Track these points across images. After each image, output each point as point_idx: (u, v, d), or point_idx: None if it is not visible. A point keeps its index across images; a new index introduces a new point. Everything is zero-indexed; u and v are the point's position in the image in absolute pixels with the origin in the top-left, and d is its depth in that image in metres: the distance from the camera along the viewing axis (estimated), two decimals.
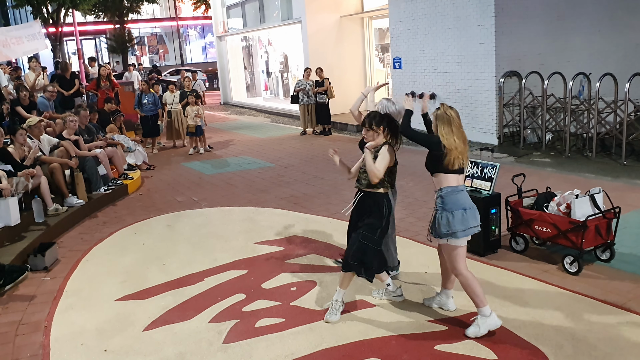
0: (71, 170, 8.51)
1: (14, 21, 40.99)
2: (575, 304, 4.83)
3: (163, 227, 7.76)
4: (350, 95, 17.61)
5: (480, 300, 4.36)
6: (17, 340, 4.78)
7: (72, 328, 4.95)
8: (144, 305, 5.33)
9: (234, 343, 4.53)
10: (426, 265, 5.83)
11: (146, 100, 13.40)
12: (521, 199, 6.11)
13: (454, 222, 4.31)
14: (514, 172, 6.34)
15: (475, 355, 4.14)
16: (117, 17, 33.99)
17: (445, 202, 4.36)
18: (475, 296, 4.36)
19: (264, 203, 8.68)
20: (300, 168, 10.92)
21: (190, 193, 9.53)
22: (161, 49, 47.24)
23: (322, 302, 5.12)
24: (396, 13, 14.33)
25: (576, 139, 11.08)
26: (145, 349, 4.53)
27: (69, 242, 7.31)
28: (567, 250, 5.57)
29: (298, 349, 4.38)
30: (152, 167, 11.66)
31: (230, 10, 24.50)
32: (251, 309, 5.12)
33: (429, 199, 8.27)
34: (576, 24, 12.36)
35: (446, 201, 4.36)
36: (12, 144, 7.89)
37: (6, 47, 14.49)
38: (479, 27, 11.90)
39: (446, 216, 4.34)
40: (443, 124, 4.38)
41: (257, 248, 6.69)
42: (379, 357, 4.20)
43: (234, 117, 19.79)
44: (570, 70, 11.07)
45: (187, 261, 6.38)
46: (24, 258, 6.43)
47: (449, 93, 12.98)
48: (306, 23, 17.76)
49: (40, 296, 5.66)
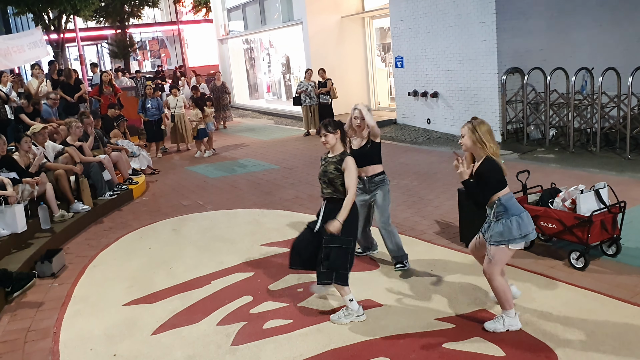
0: (76, 177, 8.54)
1: (15, 29, 41.10)
2: (582, 299, 4.82)
3: (169, 231, 7.78)
4: (353, 95, 17.64)
5: (510, 304, 4.38)
6: (26, 347, 4.80)
7: (81, 333, 4.97)
8: (151, 309, 5.35)
9: (242, 345, 4.54)
10: (432, 264, 5.84)
11: (150, 104, 13.43)
12: (526, 196, 6.10)
13: (523, 225, 4.27)
14: (518, 169, 6.33)
15: (484, 353, 4.14)
16: (118, 22, 34.05)
17: (509, 207, 4.29)
18: (505, 300, 4.37)
19: (269, 205, 8.69)
20: (304, 169, 10.93)
21: (196, 197, 9.55)
22: (163, 53, 47.26)
23: (329, 303, 5.13)
24: (397, 12, 14.33)
25: (580, 134, 11.06)
26: (154, 353, 4.55)
27: (76, 248, 7.34)
28: (573, 246, 5.57)
29: (306, 349, 4.39)
30: (156, 172, 11.69)
31: (231, 13, 24.53)
32: (259, 310, 5.13)
33: (433, 197, 8.28)
34: (577, 19, 12.34)
35: (509, 206, 4.29)
36: (17, 151, 7.92)
37: (7, 55, 14.53)
38: (480, 25, 11.89)
39: (516, 220, 4.26)
40: (486, 131, 4.39)
41: (264, 250, 6.71)
42: (388, 356, 4.21)
43: (237, 120, 19.79)
44: (572, 65, 11.05)
45: (193, 265, 6.39)
46: (31, 265, 6.45)
47: (452, 91, 12.98)
48: (307, 24, 17.78)
49: (48, 302, 5.69)
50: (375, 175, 5.69)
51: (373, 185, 5.70)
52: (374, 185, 5.69)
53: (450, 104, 13.11)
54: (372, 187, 5.70)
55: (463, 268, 5.71)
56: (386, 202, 5.70)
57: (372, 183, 5.70)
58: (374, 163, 5.70)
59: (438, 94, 13.40)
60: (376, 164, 5.70)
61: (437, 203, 7.99)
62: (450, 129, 13.16)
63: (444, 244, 6.40)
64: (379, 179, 5.70)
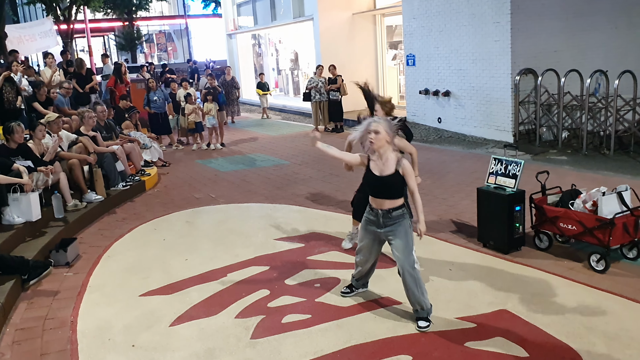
0: (90, 167, 8.52)
1: (24, 18, 41.10)
2: (604, 302, 4.79)
3: (182, 223, 7.76)
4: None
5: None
6: (44, 335, 4.78)
7: (98, 323, 4.95)
8: (168, 300, 5.33)
9: (262, 339, 4.52)
10: (450, 263, 5.81)
11: (156, 97, 13.39)
12: (545, 196, 6.07)
13: None
14: (532, 170, 6.31)
15: (506, 353, 4.12)
16: (126, 14, 34.08)
17: None
18: None
19: (280, 200, 8.66)
20: (314, 165, 10.90)
21: (207, 190, 9.53)
22: (169, 46, 47.25)
23: (348, 299, 5.11)
24: (410, 10, 14.28)
25: (593, 136, 11.01)
26: (173, 344, 4.53)
27: (89, 238, 7.32)
28: (593, 248, 5.53)
29: (327, 345, 4.37)
30: (167, 164, 11.67)
31: (240, 8, 24.49)
32: (276, 305, 5.11)
33: (447, 196, 8.26)
34: (593, 21, 12.28)
35: None
36: (32, 139, 7.90)
37: (20, 44, 14.61)
38: (495, 25, 11.84)
39: None
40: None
41: (278, 244, 6.68)
42: (410, 354, 4.18)
43: (244, 115, 19.76)
44: (586, 67, 11.00)
45: (208, 257, 6.37)
46: (46, 253, 6.44)
47: (464, 90, 12.93)
48: (318, 20, 17.74)
49: (64, 292, 5.67)
50: (393, 209, 4.55)
51: (390, 221, 4.57)
52: (391, 221, 4.57)
53: (462, 103, 13.07)
54: (389, 223, 4.57)
55: (481, 268, 5.68)
56: (409, 241, 4.55)
57: (387, 218, 4.57)
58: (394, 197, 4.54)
59: (450, 93, 13.35)
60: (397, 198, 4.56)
61: (452, 202, 7.95)
62: (461, 129, 13.11)
63: (460, 243, 6.37)
64: (397, 214, 4.57)
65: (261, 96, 19.27)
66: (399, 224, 4.52)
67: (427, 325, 4.51)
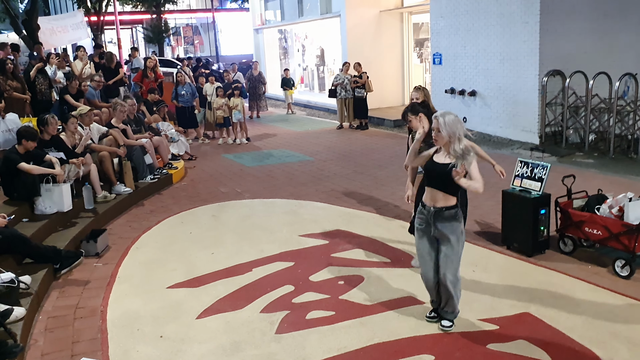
0: (119, 159, 8.69)
1: (54, 11, 41.72)
2: (628, 308, 4.79)
3: (209, 217, 7.88)
4: (388, 89, 17.61)
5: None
6: (75, 324, 4.94)
7: (127, 313, 5.09)
8: (195, 293, 5.45)
9: (286, 334, 4.61)
10: (473, 264, 5.83)
11: (184, 91, 13.55)
12: (571, 200, 6.06)
13: None
14: (558, 172, 6.29)
15: (529, 356, 4.15)
16: (154, 7, 34.37)
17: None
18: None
19: (305, 196, 8.74)
20: (339, 162, 10.96)
21: (233, 184, 9.66)
22: (196, 39, 47.58)
23: (371, 297, 5.17)
24: (437, 9, 14.23)
25: (620, 140, 10.90)
26: (200, 336, 4.64)
27: (118, 230, 7.48)
28: (618, 253, 5.51)
29: (350, 342, 4.44)
30: (194, 158, 11.83)
31: (268, 3, 24.59)
32: (301, 300, 5.19)
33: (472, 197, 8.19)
34: (623, 22, 12.12)
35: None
36: (64, 131, 8.09)
37: (52, 35, 14.90)
38: (523, 25, 11.76)
39: None
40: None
41: (302, 241, 6.77)
42: (432, 354, 4.24)
43: (269, 110, 19.89)
44: (616, 70, 10.87)
45: (234, 251, 6.49)
46: (77, 244, 6.61)
47: (490, 90, 12.87)
48: (345, 17, 17.75)
49: (94, 281, 5.82)
50: (446, 208, 4.34)
51: (440, 220, 4.35)
52: (442, 221, 4.34)
53: (488, 103, 13.01)
54: (440, 222, 4.34)
55: (504, 270, 5.71)
56: (459, 247, 4.40)
57: (438, 217, 4.34)
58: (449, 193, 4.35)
59: (476, 93, 13.30)
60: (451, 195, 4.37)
61: (476, 203, 7.93)
62: (486, 129, 13.06)
63: (484, 245, 6.39)
64: (449, 214, 4.35)
65: (286, 91, 19.44)
66: (450, 226, 4.33)
67: (450, 325, 4.54)
